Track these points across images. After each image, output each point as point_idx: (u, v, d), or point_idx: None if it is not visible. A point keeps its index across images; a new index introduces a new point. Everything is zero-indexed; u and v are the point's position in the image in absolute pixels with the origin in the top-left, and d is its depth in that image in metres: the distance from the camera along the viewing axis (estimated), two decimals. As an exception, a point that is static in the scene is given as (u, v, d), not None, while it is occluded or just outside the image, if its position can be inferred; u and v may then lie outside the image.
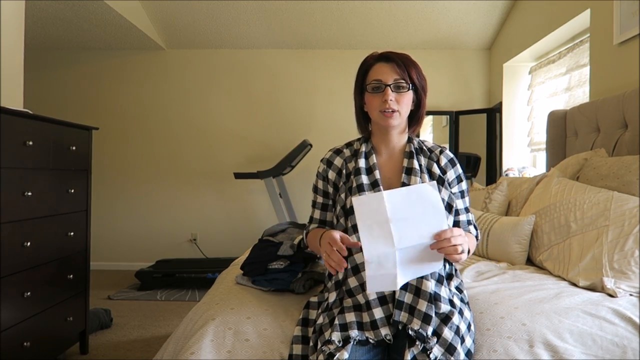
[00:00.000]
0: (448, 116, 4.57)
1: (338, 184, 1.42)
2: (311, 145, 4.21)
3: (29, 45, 4.13)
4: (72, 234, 2.28)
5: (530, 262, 1.96)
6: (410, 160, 1.37)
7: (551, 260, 1.77)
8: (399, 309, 1.23)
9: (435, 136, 4.95)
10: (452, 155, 1.42)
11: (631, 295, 1.45)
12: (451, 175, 1.39)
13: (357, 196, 1.18)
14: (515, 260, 1.95)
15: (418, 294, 1.23)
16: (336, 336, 1.20)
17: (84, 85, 4.72)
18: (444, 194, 1.34)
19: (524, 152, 4.08)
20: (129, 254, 4.72)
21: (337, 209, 1.38)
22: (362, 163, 1.38)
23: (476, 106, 4.58)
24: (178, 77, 4.71)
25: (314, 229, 1.45)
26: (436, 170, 1.37)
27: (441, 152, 1.41)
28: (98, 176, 4.32)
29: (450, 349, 1.16)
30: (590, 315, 1.34)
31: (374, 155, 1.40)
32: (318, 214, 1.47)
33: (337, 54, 4.63)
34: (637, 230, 1.55)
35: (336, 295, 1.32)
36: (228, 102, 4.70)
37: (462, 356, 1.18)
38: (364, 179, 1.35)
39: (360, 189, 1.33)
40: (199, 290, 3.83)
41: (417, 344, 1.17)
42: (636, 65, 2.28)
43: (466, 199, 1.41)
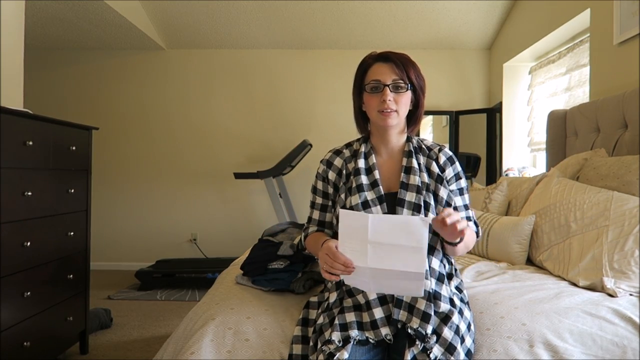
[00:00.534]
0: (448, 116, 4.57)
1: (338, 184, 1.42)
2: (311, 145, 4.21)
3: (29, 45, 4.12)
4: (72, 234, 2.28)
5: (530, 262, 1.96)
6: (410, 159, 1.37)
7: (551, 260, 1.77)
8: (398, 307, 1.24)
9: (435, 136, 4.95)
10: (450, 153, 1.42)
11: (631, 295, 1.45)
12: (449, 173, 1.39)
13: (344, 210, 1.19)
14: (515, 260, 1.95)
15: None
16: (336, 336, 1.20)
17: (84, 85, 4.72)
18: (443, 192, 1.34)
19: (524, 152, 4.08)
20: (129, 254, 4.72)
21: (337, 209, 1.38)
22: (361, 163, 1.38)
23: (476, 106, 4.58)
24: (178, 77, 4.71)
25: (313, 234, 1.45)
26: (435, 168, 1.37)
27: (440, 151, 1.41)
28: (98, 176, 4.32)
29: (450, 348, 1.16)
30: (590, 315, 1.34)
31: (373, 156, 1.40)
32: (317, 214, 1.47)
33: (337, 54, 4.63)
34: (637, 230, 1.55)
35: (337, 295, 1.32)
36: (228, 102, 4.70)
37: (462, 356, 1.18)
38: (364, 179, 1.35)
39: (360, 189, 1.34)
40: (199, 290, 3.82)
41: (417, 343, 1.17)
42: (636, 65, 2.28)
43: (465, 196, 1.41)
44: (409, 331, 1.20)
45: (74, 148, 2.28)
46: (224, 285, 1.64)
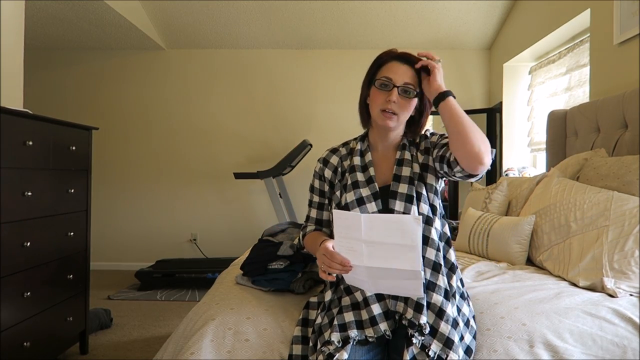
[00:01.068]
0: (448, 116, 4.56)
1: (334, 181, 1.42)
2: (311, 145, 4.21)
3: (29, 45, 4.13)
4: (72, 234, 2.28)
5: (530, 262, 1.96)
6: (403, 151, 1.38)
7: (551, 260, 1.77)
8: (395, 299, 1.25)
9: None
10: (426, 133, 1.41)
11: (631, 295, 1.45)
12: (426, 143, 1.37)
13: (337, 210, 1.19)
14: (515, 260, 1.95)
15: None
16: (335, 337, 1.21)
17: (84, 85, 4.72)
18: (430, 179, 1.33)
19: (524, 152, 4.08)
20: (129, 254, 4.72)
21: (333, 206, 1.39)
22: (357, 161, 1.39)
23: (476, 106, 4.57)
24: (178, 77, 4.71)
25: (311, 233, 1.45)
26: (420, 157, 1.36)
27: (422, 139, 1.40)
28: (98, 176, 4.32)
29: (448, 342, 1.16)
30: (590, 315, 1.34)
31: (369, 153, 1.40)
32: (315, 213, 1.47)
33: (337, 54, 4.63)
34: (637, 230, 1.55)
35: (332, 294, 1.32)
36: (228, 102, 4.70)
37: (461, 351, 1.18)
38: (359, 176, 1.36)
39: (355, 185, 1.34)
40: (199, 290, 3.82)
41: (415, 342, 1.17)
42: (636, 65, 2.28)
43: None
44: (403, 322, 1.21)
45: (74, 148, 2.28)
46: (224, 286, 1.64)
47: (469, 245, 2.17)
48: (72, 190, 2.28)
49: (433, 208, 1.32)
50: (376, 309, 1.24)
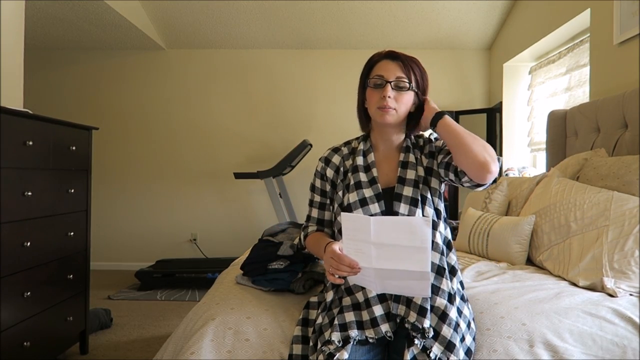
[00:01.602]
0: (448, 116, 4.56)
1: (336, 181, 1.42)
2: (311, 145, 4.21)
3: (29, 45, 4.12)
4: (72, 234, 2.28)
5: (530, 262, 1.96)
6: (407, 154, 1.38)
7: (551, 260, 1.77)
8: (397, 302, 1.25)
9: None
10: (433, 136, 1.43)
11: (631, 295, 1.45)
12: (430, 147, 1.40)
13: (346, 213, 1.19)
14: (515, 260, 1.95)
15: None
16: (336, 336, 1.20)
17: (84, 85, 4.72)
18: (434, 183, 1.35)
19: (524, 152, 4.08)
20: (129, 254, 4.72)
21: (335, 206, 1.39)
22: (360, 161, 1.39)
23: (476, 106, 4.57)
24: (178, 77, 4.71)
25: (313, 234, 1.45)
26: (424, 160, 1.38)
27: (426, 142, 1.43)
28: (98, 176, 4.31)
29: (449, 346, 1.16)
30: (590, 315, 1.34)
31: (372, 153, 1.40)
32: (316, 212, 1.47)
33: (337, 54, 4.63)
34: (637, 230, 1.55)
35: (333, 294, 1.32)
36: (228, 102, 4.70)
37: (462, 354, 1.18)
38: (362, 176, 1.36)
39: (358, 186, 1.34)
40: (199, 290, 3.82)
41: (417, 343, 1.17)
42: (636, 65, 2.28)
43: None
44: (406, 325, 1.21)
45: (74, 148, 2.28)
46: (224, 285, 1.64)
47: (469, 245, 2.17)
48: (72, 190, 2.28)
49: (437, 212, 1.33)
50: (378, 310, 1.24)
